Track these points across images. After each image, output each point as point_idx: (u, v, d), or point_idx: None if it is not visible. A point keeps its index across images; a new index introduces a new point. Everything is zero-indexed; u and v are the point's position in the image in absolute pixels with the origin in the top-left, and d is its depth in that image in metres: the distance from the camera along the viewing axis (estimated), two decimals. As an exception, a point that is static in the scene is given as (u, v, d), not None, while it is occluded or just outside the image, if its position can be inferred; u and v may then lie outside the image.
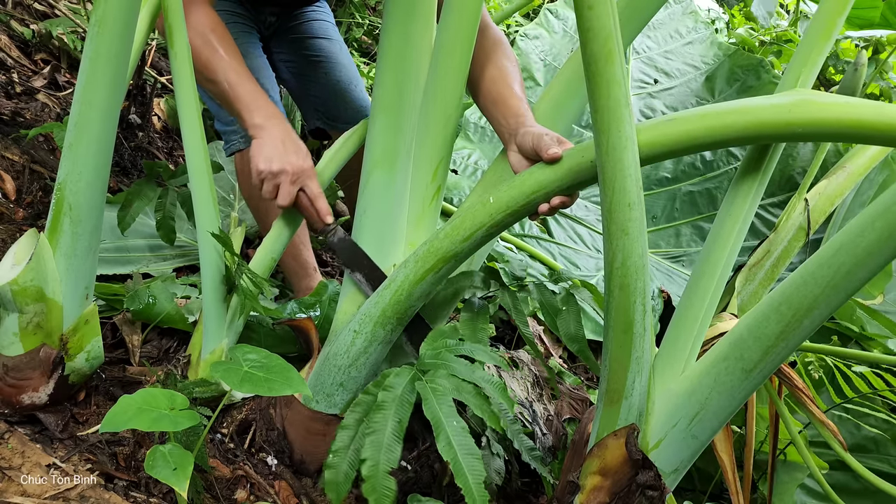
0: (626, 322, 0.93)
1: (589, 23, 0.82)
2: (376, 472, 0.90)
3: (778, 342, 0.85)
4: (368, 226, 1.18)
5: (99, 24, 1.04)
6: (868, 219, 0.77)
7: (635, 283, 0.91)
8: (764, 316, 0.86)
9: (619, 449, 0.96)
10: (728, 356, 0.90)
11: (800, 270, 0.84)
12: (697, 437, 0.96)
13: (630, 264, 0.90)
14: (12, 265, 1.13)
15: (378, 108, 1.14)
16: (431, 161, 1.14)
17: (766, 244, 1.50)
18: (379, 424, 0.93)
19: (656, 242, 2.55)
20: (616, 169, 0.86)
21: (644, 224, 0.91)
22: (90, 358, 1.22)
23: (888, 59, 3.66)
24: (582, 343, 1.19)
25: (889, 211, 0.76)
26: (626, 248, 0.89)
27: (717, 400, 0.92)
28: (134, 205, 1.54)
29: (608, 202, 0.89)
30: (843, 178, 2.02)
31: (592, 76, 0.85)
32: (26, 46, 2.39)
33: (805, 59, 0.99)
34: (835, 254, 0.80)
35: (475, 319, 1.18)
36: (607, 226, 0.90)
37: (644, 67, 2.98)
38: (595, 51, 0.83)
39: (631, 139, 0.86)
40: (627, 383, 0.95)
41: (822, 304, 0.81)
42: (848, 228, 0.79)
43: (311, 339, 1.36)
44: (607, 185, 0.88)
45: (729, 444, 1.12)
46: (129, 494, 1.06)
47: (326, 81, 1.82)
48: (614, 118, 0.84)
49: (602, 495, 0.97)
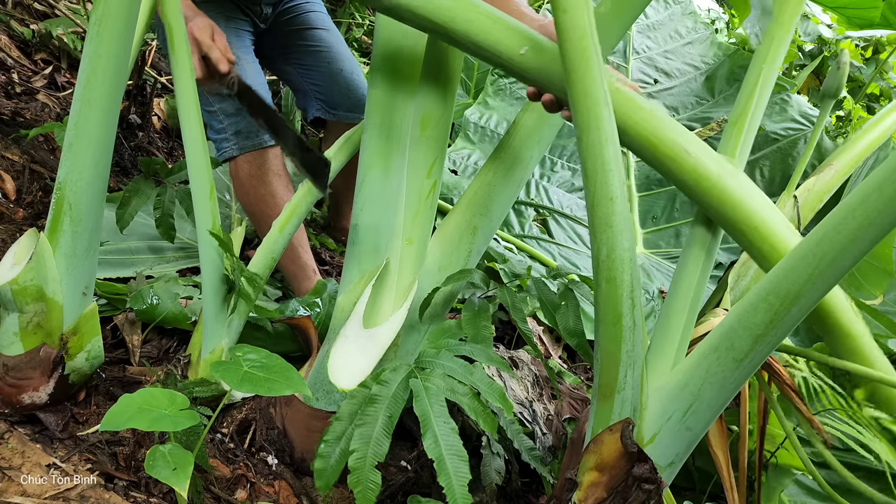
0: (615, 315, 0.94)
1: (565, 25, 0.85)
2: (363, 464, 0.91)
3: (767, 331, 0.87)
4: (366, 222, 1.18)
5: (99, 24, 1.04)
6: (849, 208, 0.79)
7: (622, 275, 0.92)
8: (753, 306, 0.88)
9: (614, 443, 0.97)
10: (719, 347, 0.92)
11: (786, 260, 0.85)
12: (692, 429, 0.97)
13: (616, 257, 0.92)
14: (12, 265, 1.13)
15: (373, 106, 1.15)
16: (427, 158, 1.14)
17: None
18: (370, 418, 0.94)
19: (656, 242, 2.55)
20: (597, 164, 0.89)
21: (629, 218, 0.92)
22: (90, 357, 1.22)
23: (888, 59, 3.66)
24: (581, 338, 1.20)
25: (868, 199, 0.77)
26: (611, 241, 0.91)
27: (709, 391, 0.93)
28: (132, 203, 1.54)
29: (591, 196, 0.91)
30: (831, 175, 2.03)
31: (570, 77, 0.87)
32: (26, 46, 2.39)
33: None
34: (818, 243, 0.82)
35: (477, 318, 1.18)
36: (592, 220, 0.92)
37: (644, 67, 2.98)
38: (571, 52, 0.86)
39: (611, 137, 0.89)
40: (619, 377, 0.97)
41: (809, 291, 0.83)
42: (830, 217, 0.81)
43: (310, 338, 1.36)
44: (590, 180, 0.90)
45: (723, 439, 1.13)
46: (129, 494, 1.06)
47: (328, 70, 1.84)
48: (593, 116, 0.87)
49: (599, 491, 0.98)
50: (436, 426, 0.92)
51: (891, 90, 4.02)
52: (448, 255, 1.21)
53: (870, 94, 4.07)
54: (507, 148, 1.20)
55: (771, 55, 1.03)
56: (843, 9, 2.46)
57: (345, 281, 1.23)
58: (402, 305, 1.14)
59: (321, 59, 1.85)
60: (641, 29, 3.13)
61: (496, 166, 1.21)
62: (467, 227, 1.21)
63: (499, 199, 1.21)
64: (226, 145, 1.65)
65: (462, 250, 1.21)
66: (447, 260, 1.21)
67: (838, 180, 1.82)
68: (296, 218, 1.38)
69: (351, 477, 0.91)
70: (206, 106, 1.65)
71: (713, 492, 1.36)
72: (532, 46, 0.97)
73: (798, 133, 2.50)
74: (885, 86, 4.07)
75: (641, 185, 2.69)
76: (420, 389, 0.96)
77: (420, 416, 0.93)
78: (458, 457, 0.91)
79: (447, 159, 2.58)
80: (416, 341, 1.24)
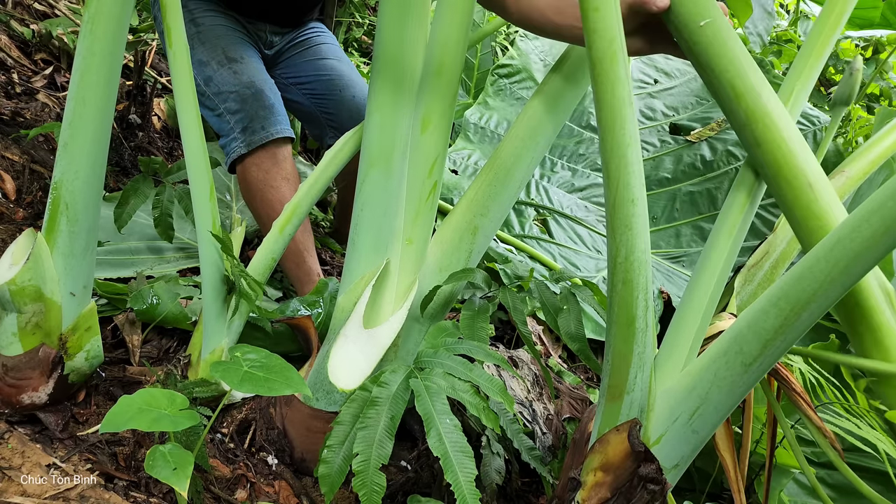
0: (629, 317, 0.94)
1: (594, 24, 0.85)
2: (367, 467, 0.91)
3: (776, 336, 0.87)
4: (366, 222, 1.18)
5: (92, 22, 1.04)
6: (865, 214, 0.78)
7: (638, 278, 0.92)
8: (763, 311, 0.87)
9: (621, 444, 0.97)
10: (728, 351, 0.91)
11: (798, 266, 0.85)
12: (698, 432, 0.97)
13: (633, 259, 0.92)
14: (10, 265, 1.13)
15: (374, 107, 1.15)
16: (427, 158, 1.14)
17: (765, 245, 1.50)
18: (372, 420, 0.94)
19: (656, 243, 2.55)
20: (620, 165, 0.88)
21: (647, 221, 0.93)
22: (89, 357, 1.22)
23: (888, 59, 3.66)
24: (582, 342, 1.20)
25: (885, 206, 0.76)
26: (630, 244, 0.91)
27: (717, 395, 0.93)
28: (130, 202, 1.53)
29: (612, 198, 0.91)
30: (843, 181, 2.02)
31: (597, 76, 0.87)
32: (26, 46, 2.39)
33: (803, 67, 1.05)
34: (832, 249, 0.81)
35: (475, 318, 1.18)
36: (611, 221, 0.92)
37: (644, 67, 2.98)
38: (601, 51, 0.85)
39: (634, 137, 0.88)
40: (629, 378, 0.96)
41: (820, 298, 0.83)
42: (845, 224, 0.80)
43: (310, 338, 1.36)
44: (612, 181, 0.90)
45: (730, 442, 1.13)
46: (129, 494, 1.06)
47: (341, 98, 1.86)
48: (618, 116, 0.87)
49: (604, 491, 0.98)
50: (439, 424, 0.93)
51: (891, 90, 4.02)
52: (448, 256, 1.21)
53: (870, 94, 4.07)
54: (507, 148, 1.20)
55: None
56: (843, 9, 2.46)
57: (345, 281, 1.23)
58: (402, 306, 1.14)
59: (333, 86, 1.86)
60: (641, 29, 3.13)
61: (496, 166, 1.20)
62: (468, 227, 1.21)
63: (499, 199, 1.21)
64: (234, 145, 1.63)
65: (462, 251, 1.21)
66: (448, 260, 1.21)
67: (850, 187, 1.82)
68: (296, 218, 1.38)
69: (356, 480, 0.90)
70: (212, 111, 1.65)
71: (712, 492, 1.36)
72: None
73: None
74: (885, 86, 4.06)
75: (644, 182, 2.70)
76: (421, 389, 0.96)
77: (423, 415, 0.93)
78: (464, 453, 0.91)
79: (447, 159, 2.58)
80: (416, 341, 1.24)
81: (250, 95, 1.61)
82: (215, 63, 1.64)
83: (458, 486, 0.88)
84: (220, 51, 1.66)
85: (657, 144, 2.73)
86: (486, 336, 1.15)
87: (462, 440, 0.92)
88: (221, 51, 1.66)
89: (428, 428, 0.92)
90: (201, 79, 1.64)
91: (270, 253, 1.38)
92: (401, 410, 0.96)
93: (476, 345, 1.08)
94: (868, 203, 0.78)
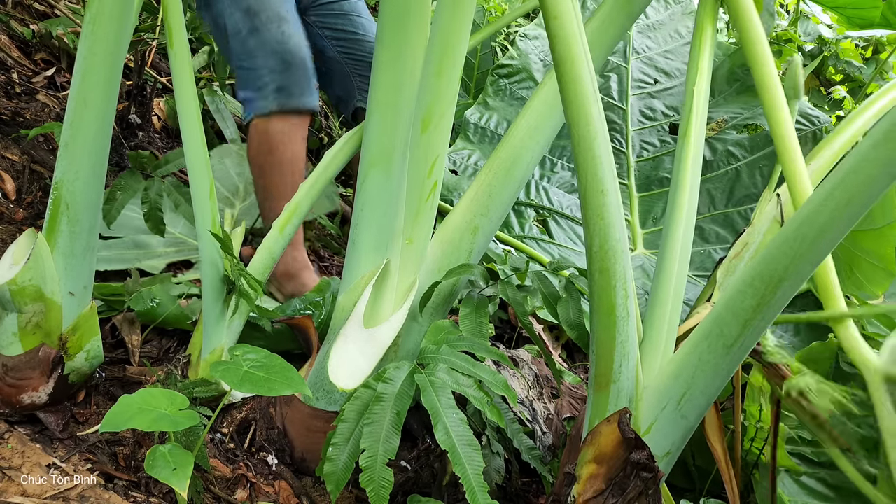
0: (609, 305, 0.97)
1: (556, 31, 0.90)
2: (374, 462, 0.91)
3: (755, 315, 0.90)
4: (366, 222, 1.18)
5: (93, 23, 1.05)
6: (827, 190, 0.82)
7: (614, 266, 0.95)
8: (739, 292, 0.90)
9: (612, 433, 0.99)
10: (709, 334, 0.94)
11: (768, 246, 0.88)
12: (687, 417, 0.99)
13: (608, 248, 0.94)
14: (10, 265, 1.13)
15: (374, 106, 1.15)
16: (427, 157, 1.14)
17: (744, 237, 1.52)
18: (378, 416, 0.94)
19: (656, 243, 2.55)
20: (587, 157, 0.92)
21: (621, 211, 0.95)
22: (90, 357, 1.22)
23: (888, 59, 3.66)
24: (582, 330, 1.21)
25: (844, 180, 0.80)
26: (603, 233, 0.94)
27: (702, 378, 0.96)
28: (119, 197, 1.52)
29: (583, 189, 0.94)
30: (811, 171, 2.02)
31: (561, 76, 0.91)
32: (26, 46, 2.39)
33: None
34: (798, 227, 0.85)
35: (475, 314, 1.19)
36: (584, 212, 0.95)
37: (644, 67, 2.98)
38: (562, 54, 0.90)
39: (601, 132, 0.92)
40: (615, 367, 0.99)
41: (792, 274, 0.86)
42: (809, 201, 0.84)
43: (310, 338, 1.36)
44: (581, 173, 0.93)
45: (721, 433, 1.14)
46: (129, 494, 1.06)
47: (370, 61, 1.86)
48: (583, 112, 0.90)
49: (598, 482, 0.99)
50: (445, 418, 0.94)
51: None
52: (449, 255, 1.21)
53: (870, 94, 4.07)
54: (507, 148, 1.20)
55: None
56: (843, 9, 2.46)
57: (345, 281, 1.23)
58: (402, 306, 1.14)
59: (366, 48, 1.85)
60: (641, 29, 3.13)
61: (496, 167, 1.21)
62: (468, 227, 1.21)
63: (499, 198, 1.21)
64: (262, 102, 1.60)
65: (463, 250, 1.21)
66: (448, 260, 1.21)
67: (818, 176, 1.83)
68: (296, 218, 1.38)
69: (363, 476, 0.91)
70: (242, 63, 1.62)
71: (711, 489, 1.36)
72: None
73: (798, 133, 2.50)
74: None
75: (641, 186, 2.69)
76: (426, 384, 0.97)
77: (429, 409, 0.94)
78: (471, 446, 0.92)
79: (447, 159, 2.58)
80: (417, 341, 1.24)
81: (297, 62, 1.60)
82: (264, 16, 1.59)
83: (466, 478, 0.89)
84: (271, 3, 1.62)
85: (657, 144, 2.73)
86: (486, 332, 1.16)
87: (468, 434, 0.93)
88: (272, 4, 1.62)
89: (434, 422, 0.93)
90: (246, 26, 1.59)
91: (270, 253, 1.38)
92: (406, 406, 0.96)
93: (477, 341, 1.09)
94: (829, 179, 0.81)
